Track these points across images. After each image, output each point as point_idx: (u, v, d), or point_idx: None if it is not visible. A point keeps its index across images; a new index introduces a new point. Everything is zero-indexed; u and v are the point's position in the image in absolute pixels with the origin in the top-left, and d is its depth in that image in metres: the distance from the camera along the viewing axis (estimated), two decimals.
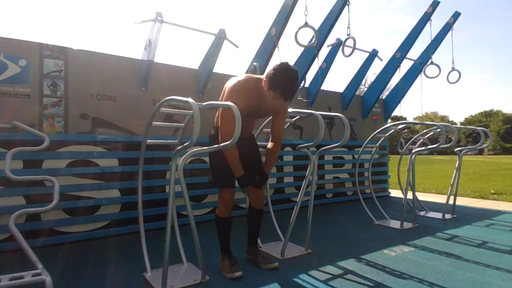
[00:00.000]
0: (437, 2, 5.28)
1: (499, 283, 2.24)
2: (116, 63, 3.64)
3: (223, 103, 2.11)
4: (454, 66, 5.48)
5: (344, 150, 5.65)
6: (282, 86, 2.12)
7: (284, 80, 2.11)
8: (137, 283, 2.25)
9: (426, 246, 3.08)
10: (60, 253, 2.92)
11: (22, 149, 2.64)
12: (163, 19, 3.52)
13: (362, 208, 4.25)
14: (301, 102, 5.03)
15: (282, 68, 2.13)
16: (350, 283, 2.25)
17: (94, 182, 3.37)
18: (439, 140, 3.74)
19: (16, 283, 1.87)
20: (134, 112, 3.68)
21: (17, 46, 3.09)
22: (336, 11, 4.40)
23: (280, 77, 2.11)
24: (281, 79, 2.11)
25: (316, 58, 4.53)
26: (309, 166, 2.82)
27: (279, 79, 2.11)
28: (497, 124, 58.60)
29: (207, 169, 4.10)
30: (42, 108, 3.18)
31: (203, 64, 4.17)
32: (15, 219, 2.18)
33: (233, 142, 1.95)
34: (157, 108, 2.36)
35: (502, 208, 5.27)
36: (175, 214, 2.64)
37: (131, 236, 3.37)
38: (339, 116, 2.81)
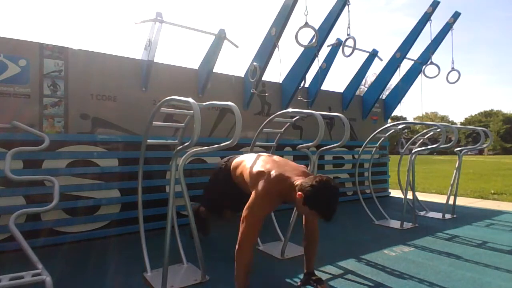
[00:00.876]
0: (437, 2, 5.28)
1: (499, 283, 2.24)
2: (116, 63, 3.64)
3: (223, 103, 2.10)
4: (453, 66, 5.48)
5: (344, 150, 5.65)
6: (322, 207, 1.82)
7: (325, 202, 1.81)
8: (137, 283, 2.25)
9: (426, 246, 3.08)
10: (60, 253, 2.92)
11: (22, 149, 2.64)
12: (163, 19, 3.52)
13: (362, 208, 4.25)
14: (301, 102, 5.03)
15: (322, 188, 1.80)
16: (350, 283, 2.25)
17: (94, 182, 3.37)
18: (439, 140, 3.74)
19: (16, 283, 1.87)
20: (134, 112, 3.68)
21: (17, 46, 3.08)
22: (336, 11, 4.40)
23: (320, 198, 1.80)
24: (321, 200, 1.81)
25: (316, 58, 4.53)
26: (309, 166, 2.82)
27: (318, 200, 1.80)
28: (497, 124, 58.59)
29: (207, 169, 4.14)
30: (42, 108, 3.18)
31: (203, 64, 4.17)
32: (15, 219, 2.18)
33: (233, 143, 1.95)
34: (157, 108, 2.36)
35: (502, 208, 5.28)
36: (175, 214, 2.64)
37: (131, 236, 3.37)
38: (339, 116, 2.81)
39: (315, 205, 1.81)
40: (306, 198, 1.82)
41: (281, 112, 3.07)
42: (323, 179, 1.85)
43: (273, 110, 4.79)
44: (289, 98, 4.87)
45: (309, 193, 1.81)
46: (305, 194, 1.82)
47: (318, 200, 1.80)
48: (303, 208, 1.87)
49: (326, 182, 1.83)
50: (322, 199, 1.80)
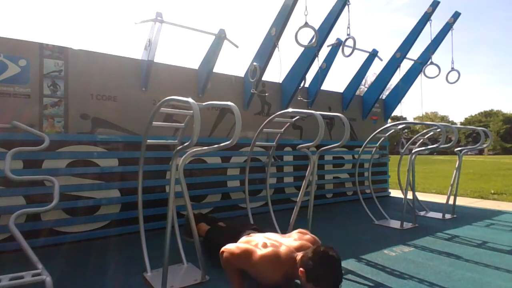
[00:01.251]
0: (437, 2, 5.28)
1: (499, 283, 2.24)
2: (116, 63, 3.64)
3: (223, 103, 2.10)
4: (453, 66, 5.48)
5: (344, 150, 5.65)
6: (325, 283, 1.72)
7: (327, 275, 1.72)
8: (137, 283, 2.25)
9: (426, 246, 3.08)
10: (60, 253, 2.92)
11: (22, 149, 2.64)
12: (163, 19, 3.52)
13: (362, 208, 4.25)
14: (301, 102, 5.03)
15: (322, 260, 1.73)
16: (350, 283, 2.25)
17: (94, 182, 3.37)
18: (439, 140, 3.74)
19: (16, 283, 1.87)
20: (134, 112, 3.68)
21: (17, 46, 3.09)
22: (336, 11, 4.40)
23: (321, 272, 1.71)
24: (323, 274, 1.71)
25: (316, 58, 4.53)
26: (309, 166, 2.82)
27: (320, 274, 1.71)
28: (497, 124, 58.59)
29: (207, 169, 4.14)
30: (42, 108, 3.18)
31: (203, 64, 4.17)
32: (15, 219, 2.18)
33: (232, 143, 1.95)
34: (157, 108, 2.36)
35: (502, 208, 5.27)
36: (175, 214, 2.64)
37: (131, 236, 3.37)
38: (339, 116, 2.81)
39: (318, 280, 1.72)
40: (307, 273, 1.75)
41: (281, 112, 3.08)
42: (321, 250, 1.78)
43: (273, 110, 4.79)
44: (289, 98, 4.87)
45: (309, 266, 1.74)
46: (306, 269, 1.75)
47: (320, 275, 1.72)
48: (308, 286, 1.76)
49: (324, 253, 1.76)
50: (324, 273, 1.72)
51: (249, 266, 1.92)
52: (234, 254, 1.93)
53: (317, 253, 1.76)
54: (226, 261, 1.95)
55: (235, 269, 1.96)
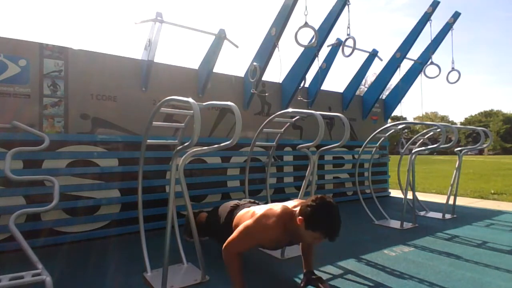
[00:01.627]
0: (437, 2, 5.28)
1: (499, 283, 2.24)
2: (116, 63, 3.64)
3: (223, 103, 2.10)
4: (454, 66, 5.48)
5: (344, 150, 5.65)
6: (324, 226, 1.78)
7: (326, 219, 1.78)
8: (137, 283, 2.25)
9: (426, 246, 3.08)
10: (60, 253, 2.92)
11: (22, 149, 2.64)
12: (163, 19, 3.52)
13: (362, 208, 4.25)
14: (301, 102, 5.03)
15: (319, 207, 1.80)
16: (350, 283, 2.25)
17: (94, 182, 3.37)
18: (439, 140, 3.74)
19: (16, 283, 1.87)
20: (134, 112, 3.68)
21: (17, 46, 3.08)
22: (336, 11, 4.40)
23: (319, 216, 1.78)
24: (321, 218, 1.78)
25: (316, 58, 4.53)
26: (309, 166, 2.82)
27: (318, 219, 1.78)
28: (497, 124, 58.58)
29: (207, 169, 4.14)
30: (42, 108, 3.18)
31: (203, 64, 4.17)
32: (15, 219, 2.18)
33: (232, 143, 1.95)
34: (157, 108, 2.36)
35: (502, 208, 5.27)
36: (175, 214, 2.64)
37: (131, 236, 3.37)
38: (339, 116, 2.81)
39: (317, 225, 1.78)
40: (306, 220, 1.80)
41: (281, 112, 3.08)
42: (319, 197, 1.84)
43: (273, 110, 4.79)
44: (289, 98, 4.87)
45: (308, 213, 1.79)
46: (304, 216, 1.80)
47: (319, 220, 1.78)
48: (307, 234, 1.82)
49: (322, 199, 1.82)
50: (322, 218, 1.77)
51: (252, 240, 1.95)
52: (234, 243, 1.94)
53: (315, 200, 1.82)
54: (229, 254, 1.94)
55: (237, 267, 1.94)
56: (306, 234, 1.83)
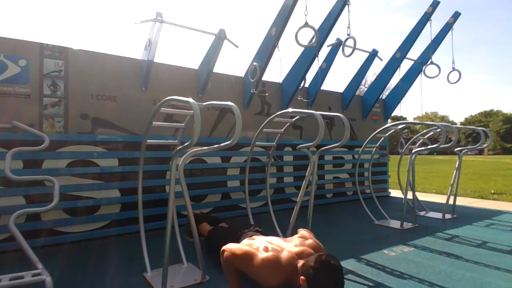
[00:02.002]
0: (437, 2, 5.28)
1: (499, 283, 2.24)
2: (116, 63, 3.64)
3: (223, 103, 2.10)
4: (454, 66, 5.48)
5: (344, 150, 5.65)
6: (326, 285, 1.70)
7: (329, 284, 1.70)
8: (137, 283, 2.25)
9: (426, 246, 3.08)
10: (60, 253, 2.92)
11: (22, 149, 2.64)
12: (163, 19, 3.52)
13: (362, 208, 4.25)
14: (301, 102, 5.03)
15: (322, 270, 1.71)
16: (350, 283, 2.25)
17: (94, 182, 3.37)
18: (439, 140, 3.74)
19: (16, 283, 1.87)
20: (134, 112, 3.68)
21: (17, 46, 3.09)
22: (336, 11, 4.40)
23: (322, 280, 1.70)
24: (324, 282, 1.69)
25: (316, 58, 4.53)
26: (309, 166, 2.82)
27: (321, 282, 1.69)
28: (497, 124, 58.57)
29: (207, 169, 4.14)
30: (42, 108, 3.18)
31: (203, 64, 4.17)
32: (15, 219, 2.18)
33: (232, 143, 1.95)
34: (157, 108, 2.36)
35: (502, 208, 5.27)
36: (175, 214, 2.64)
37: (131, 236, 3.37)
38: (339, 116, 2.81)
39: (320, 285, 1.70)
40: (309, 283, 1.72)
41: (281, 112, 3.07)
42: (322, 258, 1.77)
43: (273, 110, 4.79)
44: (289, 98, 4.87)
45: (310, 275, 1.72)
46: (307, 278, 1.73)
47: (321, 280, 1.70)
48: None
49: (327, 262, 1.74)
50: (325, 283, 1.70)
51: (249, 268, 1.91)
52: (235, 254, 1.93)
53: (318, 262, 1.75)
54: (226, 260, 1.95)
55: (234, 270, 1.95)
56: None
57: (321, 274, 1.71)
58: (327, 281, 1.71)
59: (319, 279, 1.71)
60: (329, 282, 1.71)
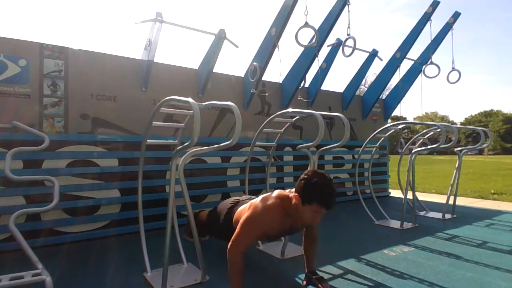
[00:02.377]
0: (437, 2, 5.28)
1: (499, 283, 2.24)
2: (116, 63, 3.64)
3: (223, 103, 2.10)
4: (454, 66, 5.48)
5: (344, 150, 5.65)
6: (318, 195, 1.80)
7: (319, 188, 1.80)
8: (137, 283, 2.25)
9: (426, 246, 3.08)
10: (60, 253, 2.92)
11: (22, 149, 2.64)
12: (163, 19, 3.52)
13: (362, 208, 4.25)
14: (301, 102, 5.03)
15: (311, 177, 1.85)
16: (350, 283, 2.25)
17: (94, 182, 3.37)
18: (439, 140, 3.74)
19: (16, 283, 1.87)
20: (134, 112, 3.68)
21: (17, 46, 3.08)
22: (336, 11, 4.40)
23: (313, 186, 1.81)
24: (315, 187, 1.81)
25: (316, 58, 4.53)
26: (309, 166, 2.82)
27: (312, 189, 1.81)
28: (497, 124, 58.56)
29: (207, 169, 4.14)
30: (42, 108, 3.18)
31: (203, 64, 4.17)
32: (15, 219, 2.18)
33: (232, 143, 1.95)
34: (157, 108, 2.36)
35: (502, 208, 5.27)
36: (175, 214, 2.64)
37: (131, 236, 3.37)
38: (339, 116, 2.81)
39: (312, 196, 1.80)
40: (302, 195, 1.82)
41: (281, 112, 3.07)
42: (309, 172, 1.89)
43: (273, 110, 4.79)
44: (289, 98, 4.87)
45: (302, 186, 1.83)
46: (299, 191, 1.84)
47: (313, 189, 1.80)
48: (305, 210, 1.84)
49: (313, 171, 1.89)
50: (316, 187, 1.80)
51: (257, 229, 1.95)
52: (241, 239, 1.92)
53: (307, 173, 1.88)
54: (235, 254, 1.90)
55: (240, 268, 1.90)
56: (305, 210, 1.84)
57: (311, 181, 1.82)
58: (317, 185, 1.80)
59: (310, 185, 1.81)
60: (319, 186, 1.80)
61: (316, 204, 1.80)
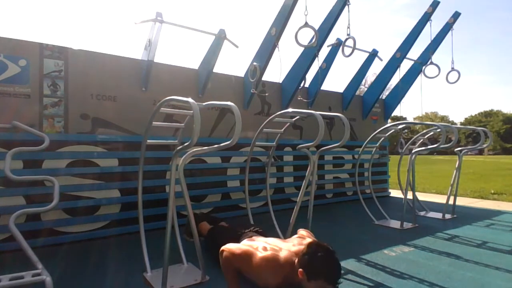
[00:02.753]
0: (437, 2, 5.28)
1: (499, 283, 2.24)
2: (116, 63, 3.64)
3: (223, 103, 2.10)
4: (453, 66, 5.48)
5: (344, 150, 5.65)
6: (324, 272, 1.73)
7: (325, 265, 1.74)
8: (137, 283, 2.25)
9: (426, 246, 3.08)
10: (60, 253, 2.92)
11: (22, 149, 2.64)
12: (163, 19, 3.52)
13: (362, 208, 4.25)
14: (301, 102, 5.03)
15: (315, 252, 1.78)
16: (350, 283, 2.25)
17: (94, 182, 3.37)
18: (439, 140, 3.74)
19: (16, 283, 1.87)
20: (134, 112, 3.68)
21: (17, 46, 3.09)
22: (336, 11, 4.40)
23: (318, 263, 1.74)
24: (321, 264, 1.74)
25: (316, 58, 4.53)
26: (309, 166, 2.82)
27: (318, 266, 1.74)
28: (497, 124, 58.57)
29: (207, 169, 4.14)
30: (42, 108, 3.18)
31: (203, 64, 4.17)
32: (15, 219, 2.18)
33: (232, 143, 1.95)
34: (157, 108, 2.36)
35: (502, 208, 5.27)
36: (175, 214, 2.64)
37: (131, 236, 3.37)
38: (339, 116, 2.81)
39: (318, 273, 1.73)
40: (305, 270, 1.75)
41: (281, 112, 3.07)
42: (313, 243, 1.84)
43: (273, 110, 4.79)
44: (289, 98, 4.87)
45: (306, 263, 1.76)
46: (304, 267, 1.76)
47: (318, 267, 1.73)
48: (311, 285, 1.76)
49: (317, 245, 1.82)
50: (321, 264, 1.74)
51: (248, 268, 1.92)
52: (234, 254, 1.93)
53: (310, 247, 1.81)
54: (225, 260, 1.94)
55: (233, 270, 1.95)
56: (310, 285, 1.76)
57: (315, 256, 1.76)
58: (323, 263, 1.75)
59: (315, 261, 1.74)
60: (325, 263, 1.75)
61: (322, 281, 1.73)
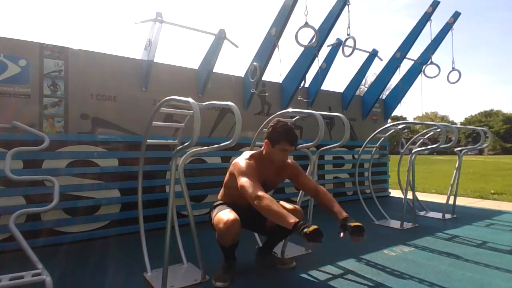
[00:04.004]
0: (437, 2, 5.28)
1: (499, 283, 2.24)
2: (116, 63, 3.64)
3: (223, 103, 2.11)
4: (454, 66, 5.49)
5: (344, 150, 5.65)
6: (282, 134, 2.17)
7: (283, 128, 2.19)
8: (137, 283, 2.25)
9: (426, 246, 3.08)
10: (60, 253, 2.92)
11: (22, 149, 2.64)
12: (163, 19, 3.52)
13: (362, 208, 4.25)
14: (301, 102, 5.03)
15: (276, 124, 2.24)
16: (350, 283, 2.25)
17: (94, 182, 3.37)
18: (439, 140, 3.74)
19: (16, 283, 1.87)
20: (134, 112, 3.68)
21: (17, 46, 3.09)
22: (336, 11, 4.40)
23: (277, 129, 2.20)
24: (279, 129, 2.19)
25: (316, 58, 4.53)
26: (309, 166, 2.82)
27: (277, 131, 2.19)
28: (497, 124, 58.56)
29: (207, 169, 4.14)
30: (42, 108, 3.18)
31: (203, 64, 4.17)
32: (15, 219, 2.18)
33: (232, 143, 1.95)
34: (157, 108, 2.36)
35: (502, 208, 5.27)
36: (175, 214, 2.64)
37: (131, 236, 3.37)
38: (339, 116, 2.81)
39: (278, 136, 2.16)
40: (269, 138, 2.19)
41: (281, 112, 3.07)
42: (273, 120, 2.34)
43: (273, 110, 4.79)
44: (289, 98, 4.87)
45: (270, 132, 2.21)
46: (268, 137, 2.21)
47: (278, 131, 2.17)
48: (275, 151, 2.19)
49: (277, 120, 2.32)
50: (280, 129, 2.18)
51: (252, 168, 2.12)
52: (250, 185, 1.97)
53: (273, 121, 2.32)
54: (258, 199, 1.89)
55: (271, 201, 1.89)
56: (275, 152, 2.19)
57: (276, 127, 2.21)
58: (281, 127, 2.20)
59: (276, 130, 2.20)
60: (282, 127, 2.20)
61: (282, 142, 2.15)
